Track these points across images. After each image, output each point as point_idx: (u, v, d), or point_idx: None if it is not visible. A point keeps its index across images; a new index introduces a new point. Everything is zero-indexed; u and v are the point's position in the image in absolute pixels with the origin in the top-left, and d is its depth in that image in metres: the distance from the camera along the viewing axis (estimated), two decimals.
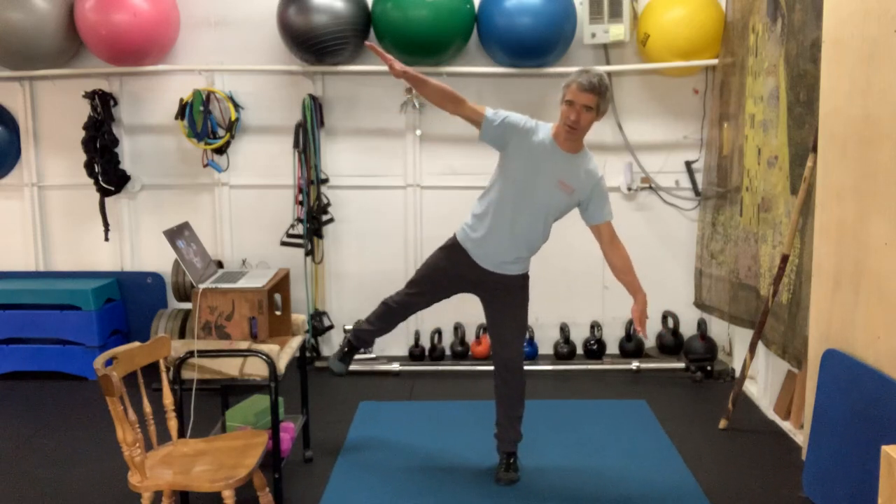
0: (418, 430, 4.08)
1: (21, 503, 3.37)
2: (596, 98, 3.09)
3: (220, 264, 5.02)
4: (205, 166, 5.08)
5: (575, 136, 3.18)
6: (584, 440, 3.94)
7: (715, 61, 4.79)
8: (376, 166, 5.21)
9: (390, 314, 3.62)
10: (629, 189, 5.16)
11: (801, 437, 3.81)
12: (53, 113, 5.21)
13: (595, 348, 5.18)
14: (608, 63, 5.05)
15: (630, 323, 5.17)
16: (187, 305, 4.96)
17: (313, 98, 4.99)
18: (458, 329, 5.21)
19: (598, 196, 3.28)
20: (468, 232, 3.39)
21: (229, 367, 3.08)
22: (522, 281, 3.45)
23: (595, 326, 5.22)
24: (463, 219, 3.46)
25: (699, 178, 5.10)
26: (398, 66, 3.23)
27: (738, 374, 4.55)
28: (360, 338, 3.69)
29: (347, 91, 5.13)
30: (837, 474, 3.03)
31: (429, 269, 3.52)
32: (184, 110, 4.88)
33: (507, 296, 3.42)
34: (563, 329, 5.21)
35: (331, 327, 5.19)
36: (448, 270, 3.44)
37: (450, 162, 5.20)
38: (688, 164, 5.12)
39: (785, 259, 3.79)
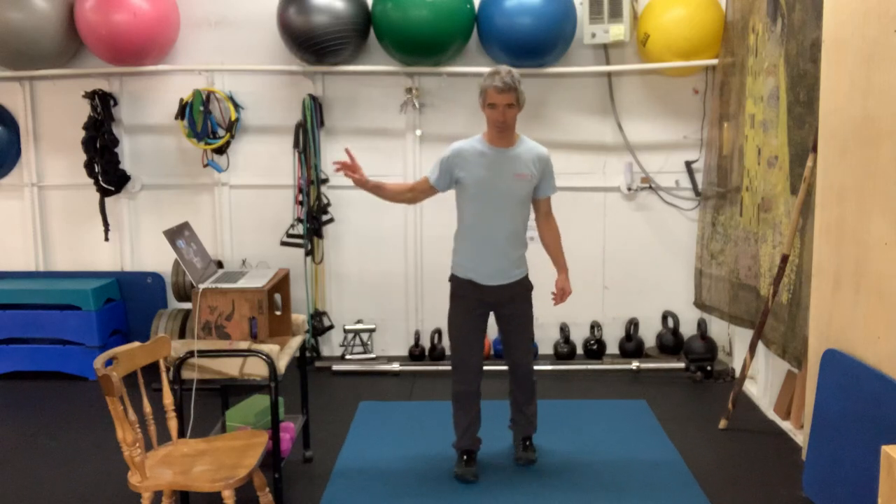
0: (418, 430, 4.08)
1: (21, 503, 3.38)
2: (514, 95, 3.29)
3: (220, 264, 5.02)
4: (205, 166, 5.08)
5: (507, 133, 3.39)
6: (584, 440, 3.94)
7: (715, 61, 4.79)
8: (376, 166, 5.19)
9: (465, 398, 3.55)
10: (629, 189, 5.16)
11: (801, 437, 3.81)
12: (53, 113, 5.21)
13: (595, 348, 5.18)
14: (608, 63, 5.06)
15: (630, 322, 5.17)
16: (187, 305, 4.96)
17: (313, 98, 4.99)
18: None
19: (547, 174, 3.49)
20: (463, 263, 3.48)
21: (229, 367, 3.08)
22: (528, 285, 3.56)
23: (595, 326, 5.22)
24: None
25: (699, 178, 5.10)
26: (363, 176, 3.41)
27: (738, 374, 4.55)
28: (464, 443, 3.59)
29: (347, 91, 5.13)
30: (837, 474, 3.03)
31: (456, 323, 3.52)
32: (184, 110, 4.88)
33: (517, 304, 3.53)
34: (563, 329, 5.21)
35: (331, 327, 5.20)
36: (471, 309, 3.49)
37: None
38: (688, 164, 5.12)
39: (785, 259, 3.79)
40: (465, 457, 3.56)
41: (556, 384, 4.80)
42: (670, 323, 5.18)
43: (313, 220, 5.01)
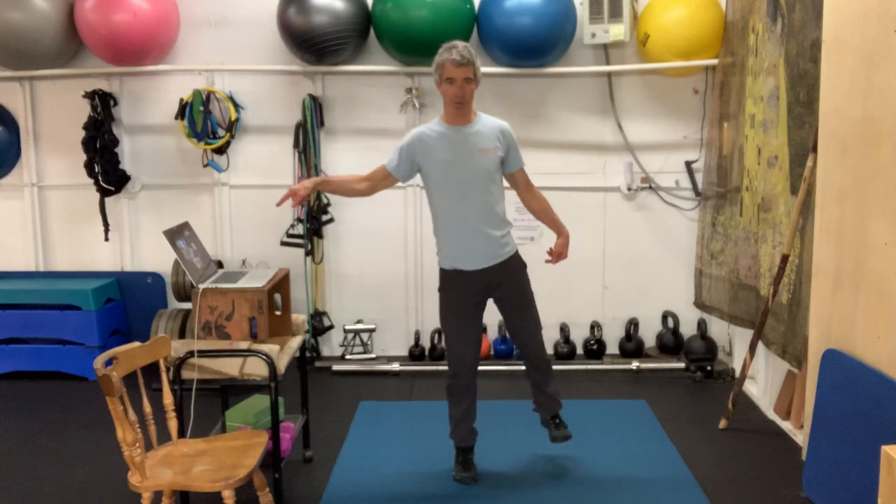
0: (418, 430, 4.08)
1: (21, 503, 3.38)
2: (472, 69, 3.24)
3: (220, 264, 5.02)
4: (205, 166, 5.08)
5: (465, 110, 3.33)
6: (584, 440, 3.93)
7: (715, 61, 4.79)
8: (376, 166, 5.20)
9: (457, 391, 3.51)
10: (629, 189, 5.16)
11: (801, 437, 3.81)
12: (53, 113, 5.21)
13: (595, 348, 5.18)
14: (608, 63, 5.06)
15: (630, 322, 5.17)
16: (187, 305, 4.96)
17: (313, 98, 4.99)
18: None
19: (512, 147, 3.43)
20: (447, 253, 3.44)
21: (229, 367, 3.08)
22: (519, 261, 3.49)
23: (595, 326, 5.22)
24: None
25: (699, 178, 5.10)
26: (305, 185, 3.39)
27: (738, 374, 4.55)
28: (460, 440, 3.56)
29: (347, 91, 5.13)
30: (837, 474, 3.03)
31: (448, 317, 3.48)
32: (184, 110, 4.88)
33: (512, 283, 3.45)
34: (563, 329, 5.21)
35: (331, 327, 5.20)
36: (462, 301, 3.43)
37: None
38: (688, 164, 5.12)
39: (785, 259, 3.79)
40: (461, 458, 3.54)
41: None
42: (670, 323, 5.17)
43: (313, 220, 5.01)
